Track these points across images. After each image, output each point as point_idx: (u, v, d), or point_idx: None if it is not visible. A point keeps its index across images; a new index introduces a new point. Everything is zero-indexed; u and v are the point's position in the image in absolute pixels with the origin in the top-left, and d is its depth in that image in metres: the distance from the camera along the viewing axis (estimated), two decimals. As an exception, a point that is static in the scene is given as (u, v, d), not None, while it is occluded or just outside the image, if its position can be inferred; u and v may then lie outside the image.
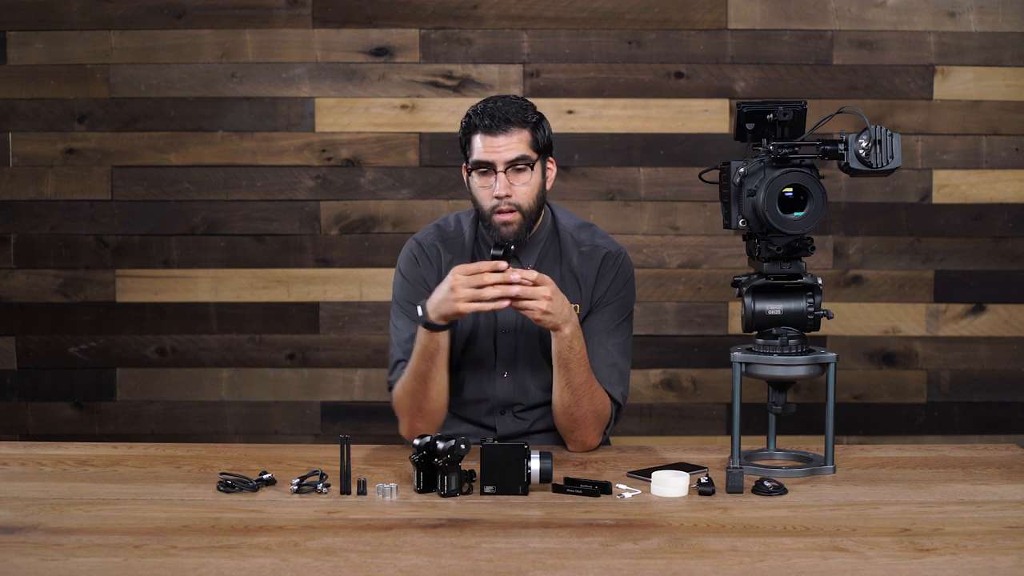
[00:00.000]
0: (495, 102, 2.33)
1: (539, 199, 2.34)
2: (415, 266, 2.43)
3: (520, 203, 2.30)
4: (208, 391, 3.40)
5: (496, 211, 2.30)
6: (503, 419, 2.43)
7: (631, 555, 1.69)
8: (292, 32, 3.31)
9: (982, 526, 1.82)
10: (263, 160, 3.34)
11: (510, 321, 2.38)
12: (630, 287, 2.44)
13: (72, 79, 3.32)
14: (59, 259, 3.37)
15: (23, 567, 1.65)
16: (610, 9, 3.30)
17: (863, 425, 3.38)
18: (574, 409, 2.28)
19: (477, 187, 2.33)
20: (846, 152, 2.07)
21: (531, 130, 2.31)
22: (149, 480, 2.12)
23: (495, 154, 2.29)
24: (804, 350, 2.14)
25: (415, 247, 2.45)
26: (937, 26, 3.30)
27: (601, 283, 2.40)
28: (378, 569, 1.64)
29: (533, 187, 2.32)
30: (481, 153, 2.30)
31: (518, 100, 2.35)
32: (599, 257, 2.41)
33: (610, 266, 2.41)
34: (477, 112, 2.32)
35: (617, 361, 2.38)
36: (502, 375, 2.42)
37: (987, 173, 3.33)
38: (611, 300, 2.40)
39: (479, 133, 2.31)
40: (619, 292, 2.41)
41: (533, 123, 2.32)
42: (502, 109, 2.30)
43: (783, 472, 2.15)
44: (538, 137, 2.33)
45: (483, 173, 2.32)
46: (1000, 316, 3.36)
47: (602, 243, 2.43)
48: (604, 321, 2.39)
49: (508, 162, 2.29)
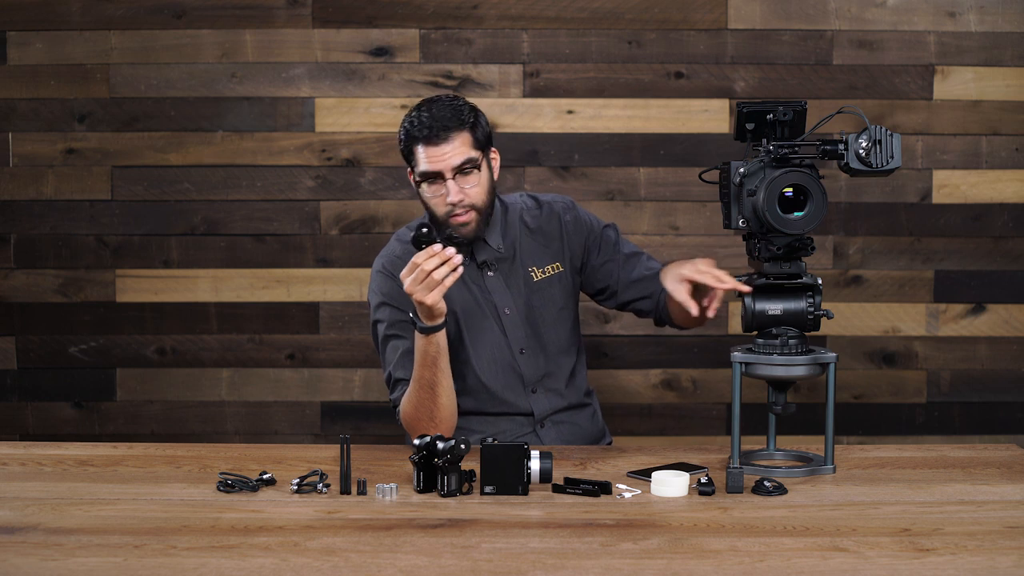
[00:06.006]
0: (430, 108, 2.35)
1: (491, 193, 2.42)
2: (392, 280, 2.45)
3: (474, 203, 2.37)
4: (208, 391, 3.40)
5: (452, 215, 2.36)
6: (536, 397, 2.48)
7: (631, 555, 1.69)
8: (292, 32, 3.31)
9: (982, 526, 1.82)
10: (263, 160, 3.34)
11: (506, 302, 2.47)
12: (594, 217, 2.60)
13: (72, 79, 3.32)
14: (59, 259, 3.37)
15: (23, 567, 1.65)
16: (610, 9, 3.30)
17: (863, 425, 3.38)
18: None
19: (429, 196, 2.38)
20: (846, 152, 2.07)
21: (470, 130, 2.35)
22: (149, 480, 2.12)
23: (441, 163, 2.33)
24: (804, 350, 2.14)
25: (385, 263, 2.49)
26: (937, 26, 3.30)
27: (574, 238, 2.54)
28: (378, 569, 1.64)
29: (483, 184, 2.38)
30: (426, 164, 2.34)
31: (451, 102, 2.38)
32: (554, 215, 2.55)
33: (569, 219, 2.54)
34: (414, 123, 2.35)
35: (642, 252, 2.58)
36: (519, 352, 2.47)
37: (987, 173, 3.33)
38: (595, 240, 2.55)
39: (420, 144, 2.35)
40: (594, 228, 2.56)
41: (471, 123, 2.36)
42: (438, 116, 2.33)
43: (783, 472, 2.15)
44: (478, 135, 2.37)
45: (432, 182, 2.35)
46: (1000, 316, 3.36)
47: (546, 199, 2.58)
48: (610, 250, 2.56)
49: (455, 168, 2.33)
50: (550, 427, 2.49)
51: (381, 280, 2.47)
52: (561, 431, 2.49)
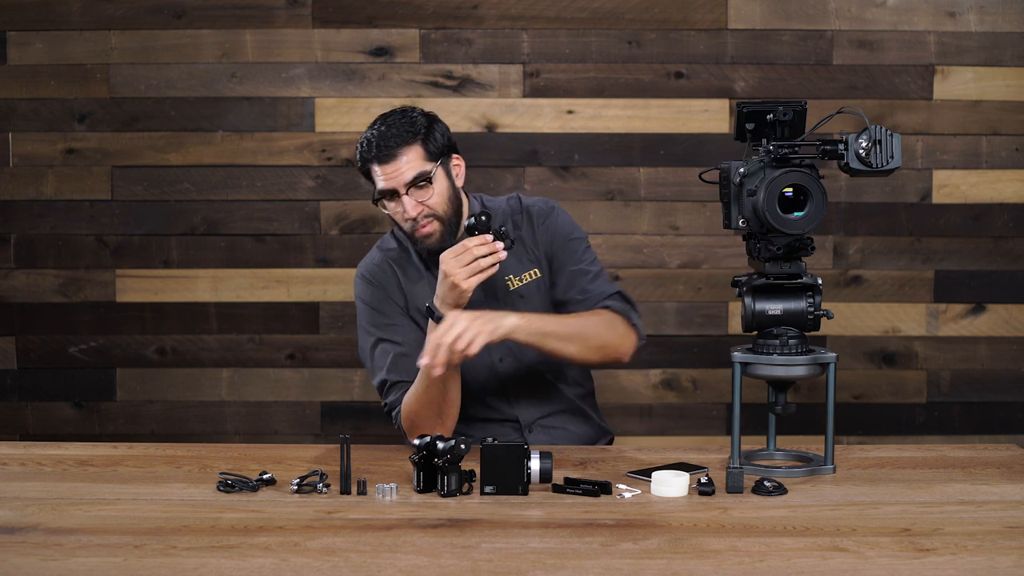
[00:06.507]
0: (380, 127, 2.36)
1: (452, 201, 2.39)
2: (375, 287, 2.47)
3: (435, 212, 2.36)
4: (208, 391, 3.40)
5: (415, 229, 2.36)
6: (520, 404, 2.48)
7: (631, 555, 1.69)
8: (292, 32, 3.31)
9: (982, 526, 1.82)
10: (263, 160, 3.34)
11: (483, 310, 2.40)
12: (569, 224, 2.51)
13: (72, 79, 3.32)
14: (59, 259, 3.37)
15: (23, 567, 1.65)
16: (610, 9, 3.30)
17: (863, 425, 3.38)
18: (587, 353, 2.35)
19: (392, 212, 2.38)
20: (846, 152, 2.07)
21: (422, 142, 2.34)
22: (149, 480, 2.12)
23: (394, 180, 2.34)
24: (804, 350, 2.14)
25: (367, 270, 2.50)
26: (937, 26, 3.30)
27: (544, 244, 2.48)
28: (378, 569, 1.64)
29: (442, 194, 2.36)
30: (381, 182, 2.35)
31: (403, 116, 2.37)
32: (531, 221, 2.49)
33: (542, 225, 2.48)
34: (365, 145, 2.36)
35: (596, 271, 2.47)
36: (499, 360, 2.46)
37: (987, 173, 3.33)
38: (558, 249, 2.47)
39: (373, 164, 2.36)
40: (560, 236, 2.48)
41: (423, 135, 2.35)
42: (387, 135, 2.33)
43: (783, 472, 2.15)
44: (430, 147, 2.36)
45: (391, 199, 2.36)
46: (1000, 316, 3.36)
47: (528, 203, 2.52)
48: (566, 262, 2.47)
49: (408, 183, 2.33)
50: (539, 432, 2.47)
51: (363, 286, 2.48)
52: (552, 436, 2.48)
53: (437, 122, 2.40)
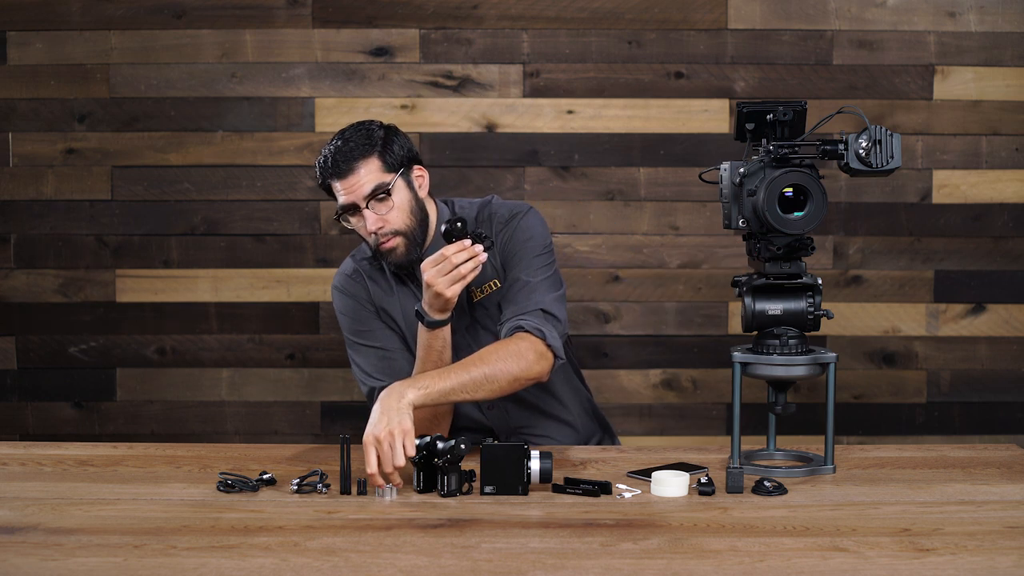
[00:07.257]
0: (337, 142, 2.35)
1: (414, 213, 2.36)
2: (348, 297, 2.48)
3: (396, 227, 2.34)
4: (208, 391, 3.40)
5: (378, 244, 2.34)
6: (492, 413, 2.48)
7: (631, 555, 1.69)
8: (292, 32, 3.31)
9: (982, 526, 1.82)
10: (263, 160, 3.34)
11: None
12: (528, 230, 2.41)
13: (72, 79, 3.32)
14: (59, 259, 3.37)
15: (23, 567, 1.65)
16: (610, 9, 3.30)
17: (863, 425, 3.38)
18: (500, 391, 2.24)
19: (355, 227, 2.37)
20: (846, 152, 2.07)
21: (379, 155, 2.33)
22: (149, 480, 2.12)
23: (352, 195, 2.33)
24: (804, 350, 2.14)
25: (338, 281, 2.50)
26: (937, 26, 3.30)
27: (501, 246, 2.40)
28: (378, 569, 1.64)
29: (402, 207, 2.34)
30: (342, 197, 2.34)
31: (359, 129, 2.36)
32: (493, 225, 2.42)
33: (500, 229, 2.41)
34: (323, 161, 2.35)
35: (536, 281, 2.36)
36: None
37: (987, 173, 3.33)
38: (510, 256, 2.39)
39: (332, 179, 2.35)
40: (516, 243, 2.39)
41: (380, 148, 2.33)
42: (343, 149, 2.33)
43: (783, 472, 2.15)
44: (388, 159, 2.34)
45: (353, 213, 2.36)
46: (1000, 316, 3.36)
47: (496, 208, 2.45)
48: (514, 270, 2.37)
49: (367, 196, 2.32)
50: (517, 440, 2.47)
51: (337, 297, 2.50)
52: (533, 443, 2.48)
53: (396, 134, 2.39)
